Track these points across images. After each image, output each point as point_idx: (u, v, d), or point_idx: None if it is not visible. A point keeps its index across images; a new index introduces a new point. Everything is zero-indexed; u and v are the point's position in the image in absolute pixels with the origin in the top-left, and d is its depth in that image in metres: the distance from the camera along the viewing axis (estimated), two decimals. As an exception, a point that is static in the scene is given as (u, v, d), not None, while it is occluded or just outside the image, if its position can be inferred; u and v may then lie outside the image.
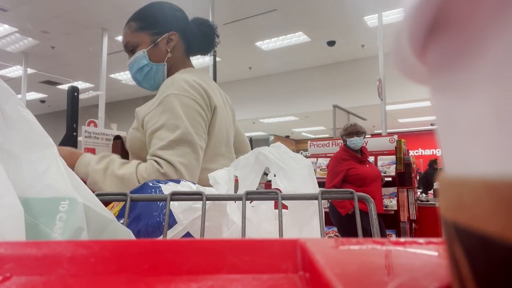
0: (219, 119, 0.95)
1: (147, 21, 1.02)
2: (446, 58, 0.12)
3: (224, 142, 0.98)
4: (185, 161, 0.81)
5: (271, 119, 10.38)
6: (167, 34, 1.01)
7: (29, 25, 6.19)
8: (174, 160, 0.80)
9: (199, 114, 0.87)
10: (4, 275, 0.21)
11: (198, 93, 0.89)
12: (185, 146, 0.83)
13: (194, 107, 0.87)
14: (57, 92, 10.14)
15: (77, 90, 1.56)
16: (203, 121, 0.88)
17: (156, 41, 1.00)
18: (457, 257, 0.11)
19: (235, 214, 0.56)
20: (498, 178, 0.09)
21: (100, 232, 0.35)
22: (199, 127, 0.86)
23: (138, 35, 1.01)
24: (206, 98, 0.91)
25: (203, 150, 0.87)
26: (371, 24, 6.16)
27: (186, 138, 0.83)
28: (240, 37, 6.81)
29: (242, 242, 0.24)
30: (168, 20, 1.03)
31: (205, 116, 0.89)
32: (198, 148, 0.85)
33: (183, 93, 0.87)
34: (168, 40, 1.01)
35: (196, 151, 0.84)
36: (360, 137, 3.14)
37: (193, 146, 0.83)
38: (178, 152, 0.82)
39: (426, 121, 10.38)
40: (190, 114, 0.86)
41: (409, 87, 6.78)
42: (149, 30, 1.01)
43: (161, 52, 1.01)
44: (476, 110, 0.10)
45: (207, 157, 0.92)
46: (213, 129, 0.92)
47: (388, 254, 0.20)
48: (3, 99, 0.36)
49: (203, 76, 1.00)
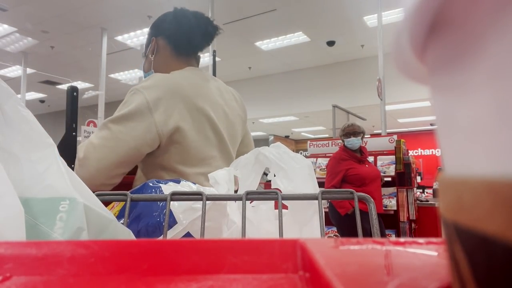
0: (203, 121, 0.92)
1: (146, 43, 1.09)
2: (446, 58, 0.12)
3: (215, 144, 0.94)
4: (95, 142, 0.83)
5: (271, 119, 10.38)
6: (151, 44, 1.04)
7: (28, 25, 6.19)
8: (88, 140, 0.84)
9: (139, 111, 0.84)
10: (4, 275, 0.21)
11: (157, 95, 0.86)
12: (105, 130, 0.84)
13: (138, 104, 0.84)
14: (56, 92, 10.14)
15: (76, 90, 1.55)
16: (139, 119, 0.84)
17: (146, 54, 1.06)
18: (457, 257, 0.11)
19: (235, 214, 0.56)
20: (498, 178, 0.09)
21: (100, 232, 0.35)
22: (129, 120, 0.84)
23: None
24: (168, 103, 0.86)
25: (119, 140, 0.84)
26: (371, 24, 6.16)
27: (109, 126, 0.84)
28: (240, 37, 6.81)
29: (242, 242, 0.24)
30: (152, 31, 1.06)
31: (146, 115, 0.84)
32: (113, 133, 0.84)
33: (142, 90, 0.86)
34: (152, 48, 1.04)
35: (109, 136, 0.83)
36: (357, 137, 3.14)
37: (110, 131, 0.84)
38: (98, 133, 0.84)
39: (425, 121, 10.38)
40: (130, 108, 0.84)
41: (409, 87, 6.79)
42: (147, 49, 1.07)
43: (148, 61, 1.05)
44: (476, 110, 0.10)
45: (190, 161, 0.89)
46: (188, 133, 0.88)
47: (388, 254, 0.20)
48: (3, 99, 0.36)
49: (197, 77, 0.98)
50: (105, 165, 0.81)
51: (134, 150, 0.83)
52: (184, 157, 0.89)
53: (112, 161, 0.81)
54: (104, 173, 0.82)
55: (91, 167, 0.81)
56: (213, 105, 0.96)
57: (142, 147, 0.84)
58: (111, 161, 0.81)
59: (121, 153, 0.82)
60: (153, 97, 0.85)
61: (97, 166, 0.81)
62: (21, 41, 6.95)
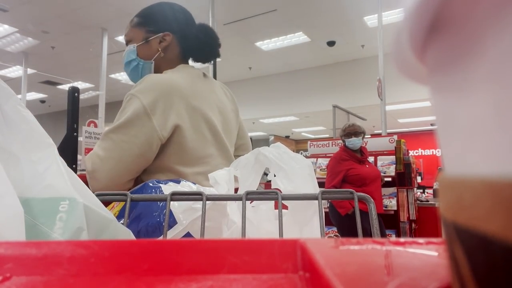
0: (199, 119, 0.92)
1: (145, 18, 1.03)
2: (446, 58, 0.12)
3: (212, 142, 0.94)
4: (101, 155, 0.83)
5: (271, 119, 10.38)
6: (161, 34, 1.00)
7: (29, 25, 6.20)
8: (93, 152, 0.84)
9: (137, 117, 0.84)
10: (4, 275, 0.21)
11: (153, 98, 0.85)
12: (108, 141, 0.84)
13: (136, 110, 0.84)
14: (57, 92, 10.14)
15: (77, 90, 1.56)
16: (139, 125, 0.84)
17: (148, 38, 1.01)
18: (457, 257, 0.11)
19: (235, 215, 0.56)
20: (498, 178, 0.09)
21: (100, 232, 0.35)
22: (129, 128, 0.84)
23: (134, 30, 1.03)
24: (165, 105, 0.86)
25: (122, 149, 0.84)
26: (371, 24, 6.16)
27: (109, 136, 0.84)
28: (240, 37, 6.82)
29: (242, 242, 0.24)
30: (167, 20, 1.02)
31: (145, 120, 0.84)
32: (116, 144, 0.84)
33: (137, 94, 0.85)
34: (161, 40, 1.01)
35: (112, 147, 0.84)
36: (358, 137, 3.15)
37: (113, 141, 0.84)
38: (101, 145, 0.84)
39: (426, 121, 10.38)
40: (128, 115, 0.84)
41: (409, 87, 6.79)
42: (145, 27, 1.02)
43: (151, 50, 1.01)
44: (476, 110, 0.10)
45: (188, 160, 0.89)
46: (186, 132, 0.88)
47: (388, 254, 0.20)
48: (3, 99, 0.36)
49: (191, 75, 0.97)
50: (115, 175, 0.83)
51: (140, 157, 0.84)
52: (182, 157, 0.89)
53: (121, 170, 0.83)
54: (116, 182, 0.83)
55: (103, 178, 0.82)
56: (208, 102, 0.96)
57: (146, 153, 0.85)
58: (120, 171, 0.83)
59: (128, 161, 0.83)
60: (149, 101, 0.84)
61: (108, 177, 0.82)
62: (21, 41, 6.95)
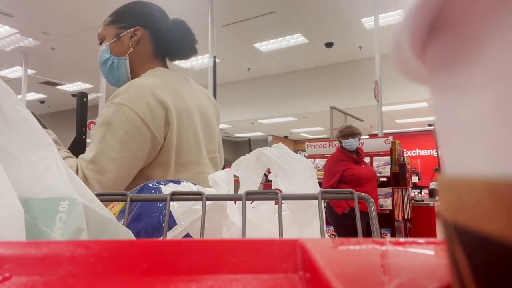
0: (185, 127, 0.90)
1: (117, 15, 1.02)
2: (446, 58, 0.12)
3: (193, 149, 0.92)
4: (102, 179, 0.80)
5: (270, 120, 10.38)
6: (132, 29, 0.99)
7: (29, 27, 6.19)
8: (91, 177, 0.79)
9: (137, 130, 0.82)
10: (4, 275, 0.21)
11: (147, 106, 0.83)
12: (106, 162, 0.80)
13: (132, 122, 0.82)
14: (56, 92, 10.12)
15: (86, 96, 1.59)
16: (141, 137, 0.83)
17: (120, 34, 0.99)
18: (457, 257, 0.11)
19: (235, 216, 0.55)
20: (498, 178, 0.09)
21: (100, 232, 0.35)
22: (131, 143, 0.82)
23: (107, 28, 1.02)
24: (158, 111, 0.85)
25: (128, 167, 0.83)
26: (368, 26, 6.17)
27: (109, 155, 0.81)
28: (239, 39, 6.82)
29: (242, 242, 0.24)
30: (138, 16, 1.00)
31: (145, 131, 0.83)
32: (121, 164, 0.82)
33: (128, 104, 0.82)
34: (132, 34, 0.99)
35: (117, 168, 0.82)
36: (355, 138, 3.19)
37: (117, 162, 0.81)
38: (98, 168, 0.80)
39: (423, 121, 10.40)
40: (125, 128, 0.81)
41: (406, 88, 6.80)
42: (116, 24, 1.01)
43: (123, 46, 0.99)
44: (476, 110, 0.10)
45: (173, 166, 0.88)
46: (172, 139, 0.87)
47: (388, 254, 0.20)
48: (3, 99, 0.35)
49: (172, 79, 0.95)
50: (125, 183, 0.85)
51: (145, 163, 0.87)
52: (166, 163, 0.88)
53: (126, 182, 0.85)
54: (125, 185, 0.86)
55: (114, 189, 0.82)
56: (191, 106, 0.94)
57: (149, 158, 0.87)
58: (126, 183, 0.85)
59: (136, 170, 0.86)
60: (143, 110, 0.83)
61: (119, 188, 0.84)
62: (21, 42, 6.94)
